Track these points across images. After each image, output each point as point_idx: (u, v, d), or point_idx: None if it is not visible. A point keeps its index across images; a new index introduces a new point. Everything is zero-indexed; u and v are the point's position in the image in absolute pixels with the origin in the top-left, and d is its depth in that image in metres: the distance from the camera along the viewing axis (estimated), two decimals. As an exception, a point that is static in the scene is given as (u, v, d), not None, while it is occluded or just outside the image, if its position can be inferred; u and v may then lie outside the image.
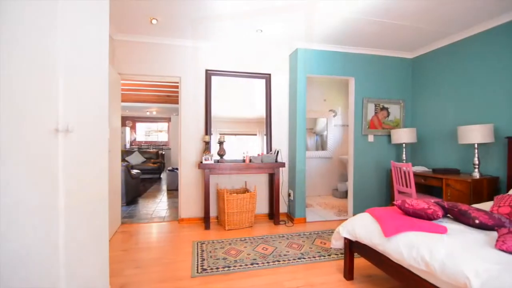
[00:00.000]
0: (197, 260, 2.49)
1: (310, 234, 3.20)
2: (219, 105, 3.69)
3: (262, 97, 3.84)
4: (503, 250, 1.33)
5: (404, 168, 3.09)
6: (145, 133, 11.44)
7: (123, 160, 7.82)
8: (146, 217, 3.89)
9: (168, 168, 6.19)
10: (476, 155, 2.87)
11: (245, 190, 3.71)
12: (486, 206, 2.28)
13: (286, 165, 3.94)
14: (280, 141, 3.93)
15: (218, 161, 3.46)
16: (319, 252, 2.68)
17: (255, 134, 3.83)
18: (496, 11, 2.70)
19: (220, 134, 3.67)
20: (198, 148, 3.65)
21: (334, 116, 5.56)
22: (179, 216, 3.64)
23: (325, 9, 2.69)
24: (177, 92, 6.20)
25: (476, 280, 1.19)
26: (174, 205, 4.62)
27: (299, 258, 2.54)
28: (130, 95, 6.83)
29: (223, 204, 3.31)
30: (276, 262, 2.45)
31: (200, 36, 3.42)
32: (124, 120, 10.64)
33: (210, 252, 2.66)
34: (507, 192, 2.60)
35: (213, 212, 3.69)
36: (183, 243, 2.91)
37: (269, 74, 3.85)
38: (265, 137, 3.83)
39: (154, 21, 3.00)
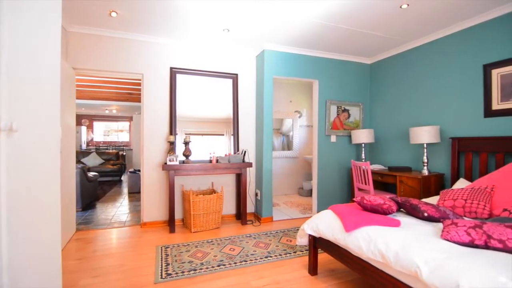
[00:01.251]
0: (161, 265, 2.40)
1: (276, 232, 3.26)
2: (185, 104, 3.60)
3: (229, 97, 3.82)
4: (447, 240, 1.48)
5: (363, 167, 3.28)
6: (103, 132, 10.73)
7: (78, 161, 7.25)
8: (104, 223, 3.65)
9: (130, 170, 5.87)
10: (425, 154, 3.15)
11: (212, 191, 3.66)
12: (434, 200, 2.52)
13: (253, 165, 3.96)
14: (248, 141, 3.94)
15: (183, 162, 3.36)
16: (285, 250, 2.73)
17: (223, 134, 3.79)
18: (443, 23, 2.99)
19: (186, 134, 3.58)
20: (162, 148, 3.51)
21: (299, 117, 5.72)
22: (142, 220, 3.47)
23: (291, 13, 2.76)
24: (139, 89, 5.92)
25: (425, 268, 1.30)
26: (136, 208, 4.39)
27: (266, 257, 2.57)
28: (87, 92, 6.36)
29: (189, 206, 3.23)
30: (243, 262, 2.45)
31: (164, 33, 3.30)
32: (80, 118, 9.88)
33: (175, 256, 2.58)
34: (451, 187, 2.89)
35: (178, 215, 3.59)
36: (146, 248, 2.78)
37: (236, 74, 3.84)
38: (232, 137, 3.81)
39: (113, 14, 2.82)
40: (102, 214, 4.09)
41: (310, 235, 2.24)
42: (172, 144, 3.37)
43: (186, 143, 3.38)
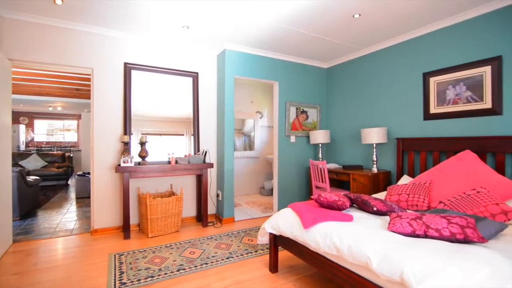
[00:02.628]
0: (115, 274, 2.24)
1: (238, 233, 3.26)
2: (141, 103, 3.41)
3: (189, 96, 3.72)
4: (393, 231, 1.62)
5: (320, 166, 3.45)
6: (47, 132, 9.68)
7: (15, 164, 6.44)
8: (48, 232, 3.29)
9: (78, 173, 5.38)
10: (375, 153, 3.42)
11: (171, 193, 3.53)
12: (382, 195, 2.74)
13: (215, 165, 3.91)
14: (209, 142, 3.88)
15: (139, 164, 3.18)
16: (247, 250, 2.75)
17: (182, 134, 3.68)
18: (391, 33, 3.26)
19: (142, 134, 3.40)
20: (116, 149, 3.29)
21: (260, 117, 5.80)
22: (92, 227, 3.20)
23: (252, 15, 2.78)
24: (89, 85, 5.45)
25: (375, 258, 1.41)
26: (85, 215, 4.04)
27: (227, 258, 2.55)
28: (26, 87, 5.68)
29: (146, 210, 3.07)
30: (204, 265, 2.40)
31: (118, 25, 3.09)
32: (18, 116, 8.79)
33: (130, 263, 2.43)
34: (397, 183, 3.17)
35: (134, 220, 3.39)
36: (98, 257, 2.57)
37: (197, 73, 3.76)
38: (192, 137, 3.72)
39: (58, 1, 2.56)
40: (45, 222, 3.69)
41: (270, 234, 2.28)
42: (126, 145, 3.17)
43: (142, 144, 3.21)
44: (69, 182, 7.25)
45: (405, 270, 1.26)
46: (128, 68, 3.32)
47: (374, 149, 3.43)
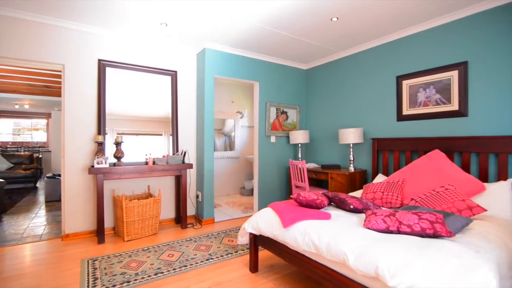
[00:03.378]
0: (88, 280, 2.14)
1: (218, 234, 3.23)
2: (117, 101, 3.28)
3: (168, 95, 3.63)
4: (369, 228, 1.68)
5: (300, 165, 3.50)
6: (13, 131, 9.07)
7: (-24, 166, 5.98)
8: (14, 238, 3.08)
9: (47, 175, 5.09)
10: (352, 152, 3.53)
11: (148, 195, 3.43)
12: (358, 193, 2.83)
13: (194, 166, 3.86)
14: (188, 142, 3.81)
15: (114, 165, 3.07)
16: (227, 251, 2.73)
17: (161, 134, 3.59)
18: (367, 37, 3.38)
19: (118, 133, 3.27)
20: (89, 149, 3.14)
21: (241, 117, 5.79)
22: (63, 232, 3.04)
23: (232, 14, 2.77)
24: (59, 82, 5.18)
25: (351, 255, 1.46)
26: (55, 219, 3.83)
27: (207, 260, 2.52)
28: (-12, 83, 5.29)
29: (121, 213, 2.96)
30: (183, 268, 2.36)
31: (92, 20, 2.95)
32: (-21, 114, 8.16)
33: (105, 269, 2.33)
34: (372, 181, 3.29)
35: (109, 223, 3.26)
36: (70, 263, 2.44)
37: (175, 72, 3.68)
38: (171, 137, 3.63)
39: (24, -7, 2.41)
40: (11, 228, 3.45)
41: (251, 234, 2.28)
42: (100, 145, 3.04)
43: (118, 144, 3.09)
44: (37, 185, 6.84)
45: (379, 265, 1.31)
46: (102, 65, 3.19)
47: (351, 149, 3.53)
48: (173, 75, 3.66)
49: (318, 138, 4.35)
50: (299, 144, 4.21)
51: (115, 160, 3.12)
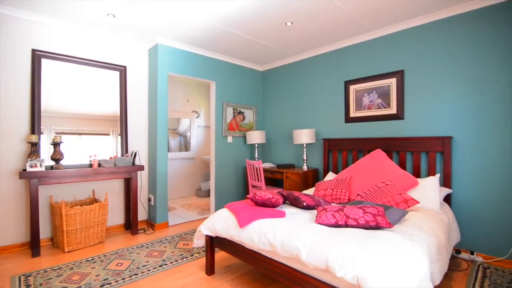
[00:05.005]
0: (18, 300, 1.88)
1: (172, 238, 3.10)
2: (56, 97, 2.94)
3: (116, 92, 3.38)
4: (320, 223, 1.77)
5: (256, 165, 3.55)
6: None
7: None
8: None
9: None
10: (305, 152, 3.69)
11: (93, 200, 3.15)
12: (311, 191, 2.97)
13: (146, 167, 3.65)
14: (139, 142, 3.59)
15: (52, 168, 2.75)
16: (182, 255, 2.64)
17: (108, 134, 3.32)
18: (320, 43, 3.56)
19: (56, 133, 2.94)
20: (20, 151, 2.76)
21: (197, 117, 5.65)
22: (-14, 246, 2.63)
23: (186, 11, 2.68)
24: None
25: (304, 250, 1.52)
26: (-24, 232, 3.29)
27: (160, 266, 2.40)
28: None
29: (61, 221, 2.66)
30: (134, 276, 2.21)
31: (25, 4, 2.60)
32: None
33: (40, 285, 2.07)
34: (323, 179, 3.48)
35: (46, 233, 2.91)
36: (-7, 283, 2.12)
37: (125, 67, 3.44)
38: (119, 137, 3.38)
39: None
40: None
41: (207, 236, 2.24)
42: (34, 146, 2.69)
43: (56, 144, 2.78)
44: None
45: (329, 258, 1.39)
46: (37, 56, 2.83)
47: (304, 149, 3.69)
48: (122, 70, 3.42)
49: (274, 138, 4.46)
50: (256, 144, 4.26)
51: (53, 163, 2.79)
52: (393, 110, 3.05)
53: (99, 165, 3.03)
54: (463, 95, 2.60)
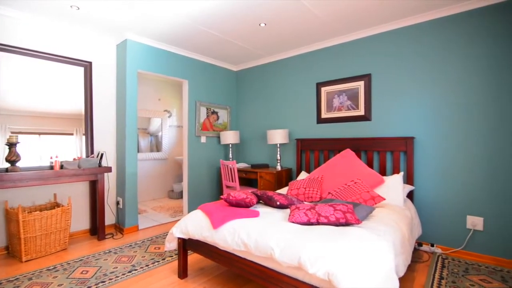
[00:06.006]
0: (-35, 317, 1.70)
1: (143, 242, 2.99)
2: (12, 93, 2.70)
3: (81, 89, 3.18)
4: (293, 222, 1.80)
5: (230, 165, 3.53)
6: None
7: None
8: None
9: None
10: (279, 152, 3.74)
11: (55, 205, 2.94)
12: (285, 190, 3.01)
13: (114, 169, 3.47)
14: (106, 142, 3.41)
15: (7, 170, 2.52)
16: (153, 259, 2.55)
17: (71, 134, 3.11)
18: (294, 45, 3.62)
19: (12, 132, 2.70)
20: (-32, 152, 2.50)
21: (169, 116, 5.50)
22: None
23: (157, 6, 2.60)
24: None
25: (277, 249, 1.54)
26: None
27: (129, 272, 2.30)
28: None
29: (17, 228, 2.45)
30: (101, 284, 2.09)
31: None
32: None
33: (-9, 298, 1.89)
34: (296, 178, 3.55)
35: (1, 242, 2.66)
36: None
37: (90, 62, 3.24)
38: (84, 137, 3.19)
39: None
40: None
41: (179, 238, 2.19)
42: (-14, 147, 2.45)
43: (12, 145, 2.55)
44: None
45: (302, 255, 1.41)
46: (-12, 48, 2.58)
47: (278, 149, 3.74)
48: (87, 66, 3.22)
49: (248, 138, 4.46)
50: (230, 145, 4.24)
51: (8, 165, 2.56)
52: (361, 111, 3.19)
53: (61, 167, 2.84)
54: (424, 99, 2.78)
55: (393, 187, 2.51)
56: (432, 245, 2.71)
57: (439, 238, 2.71)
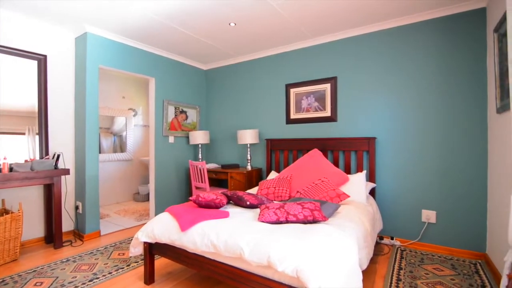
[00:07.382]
0: None
1: (105, 248, 2.82)
2: None
3: (34, 85, 2.91)
4: (262, 221, 1.82)
5: (200, 166, 3.46)
6: None
7: None
8: None
9: None
10: (249, 152, 3.75)
11: (3, 212, 2.65)
12: (255, 190, 3.03)
13: (72, 171, 3.23)
14: (63, 142, 3.16)
15: None
16: (117, 266, 2.42)
17: (23, 133, 2.84)
18: (264, 46, 3.65)
19: None
20: None
21: (134, 115, 5.25)
22: None
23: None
24: None
25: (247, 248, 1.54)
26: None
27: (90, 280, 2.15)
28: None
29: (-44, 239, 2.18)
30: (56, 295, 1.93)
31: None
32: None
33: None
34: (266, 178, 3.58)
35: None
36: None
37: (45, 56, 2.98)
38: (38, 137, 2.93)
39: None
40: None
41: (145, 243, 2.10)
42: None
43: (-51, 146, 2.26)
44: None
45: (271, 254, 1.43)
46: None
47: (248, 149, 3.75)
48: (41, 59, 2.96)
49: (218, 138, 4.42)
50: (200, 145, 4.16)
51: None
52: (328, 113, 3.32)
53: (11, 169, 2.57)
54: (384, 101, 2.97)
55: (356, 184, 2.64)
56: (392, 238, 2.90)
57: (398, 231, 2.91)
